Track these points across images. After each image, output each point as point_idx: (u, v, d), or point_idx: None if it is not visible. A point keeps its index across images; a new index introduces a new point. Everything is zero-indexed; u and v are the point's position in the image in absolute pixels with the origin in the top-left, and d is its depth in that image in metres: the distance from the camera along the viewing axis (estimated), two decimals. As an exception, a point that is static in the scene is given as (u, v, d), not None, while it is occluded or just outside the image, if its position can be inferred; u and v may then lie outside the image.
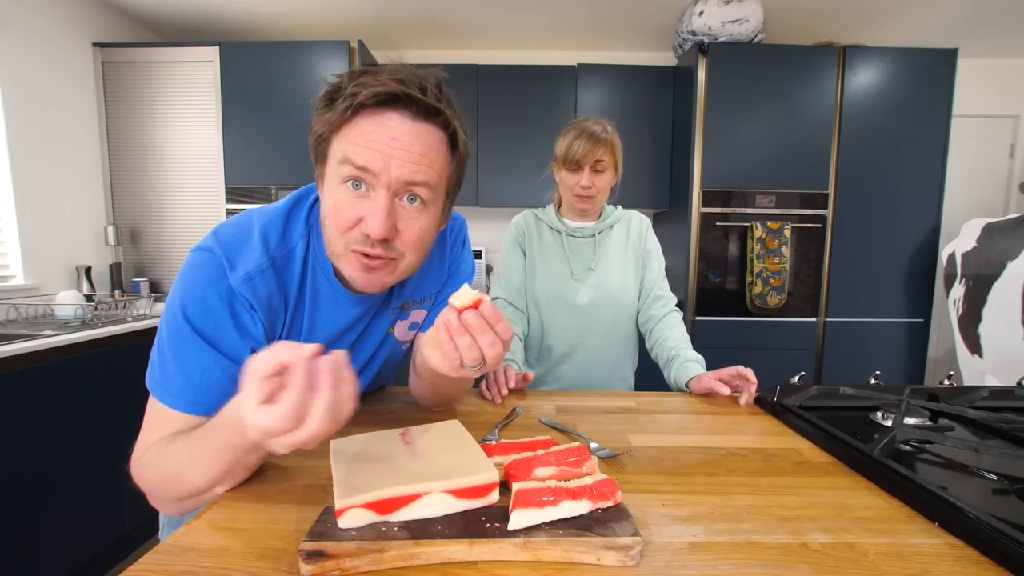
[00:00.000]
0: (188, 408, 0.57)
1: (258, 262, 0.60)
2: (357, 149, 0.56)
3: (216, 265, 0.59)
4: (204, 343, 0.57)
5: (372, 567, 0.41)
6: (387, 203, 0.57)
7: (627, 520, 0.44)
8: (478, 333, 0.51)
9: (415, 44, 2.88)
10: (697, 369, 1.02)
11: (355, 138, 0.56)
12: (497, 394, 0.93)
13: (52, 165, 2.19)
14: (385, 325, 0.77)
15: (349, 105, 0.55)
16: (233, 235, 0.61)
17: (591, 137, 1.10)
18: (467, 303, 0.51)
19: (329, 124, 0.57)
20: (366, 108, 0.56)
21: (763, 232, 2.28)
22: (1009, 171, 2.99)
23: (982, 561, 0.43)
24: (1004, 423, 0.72)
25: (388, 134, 0.56)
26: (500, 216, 2.94)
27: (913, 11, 2.46)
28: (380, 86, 0.54)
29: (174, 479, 0.54)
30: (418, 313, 0.79)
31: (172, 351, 0.57)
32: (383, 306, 0.75)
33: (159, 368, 0.58)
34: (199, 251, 0.60)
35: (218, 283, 0.58)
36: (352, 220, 0.58)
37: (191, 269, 0.59)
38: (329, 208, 0.59)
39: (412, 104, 0.56)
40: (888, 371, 2.37)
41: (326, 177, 0.60)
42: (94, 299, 2.07)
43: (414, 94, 0.56)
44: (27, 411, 1.46)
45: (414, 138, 0.57)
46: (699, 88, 2.32)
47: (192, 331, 0.57)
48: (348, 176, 0.57)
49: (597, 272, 1.20)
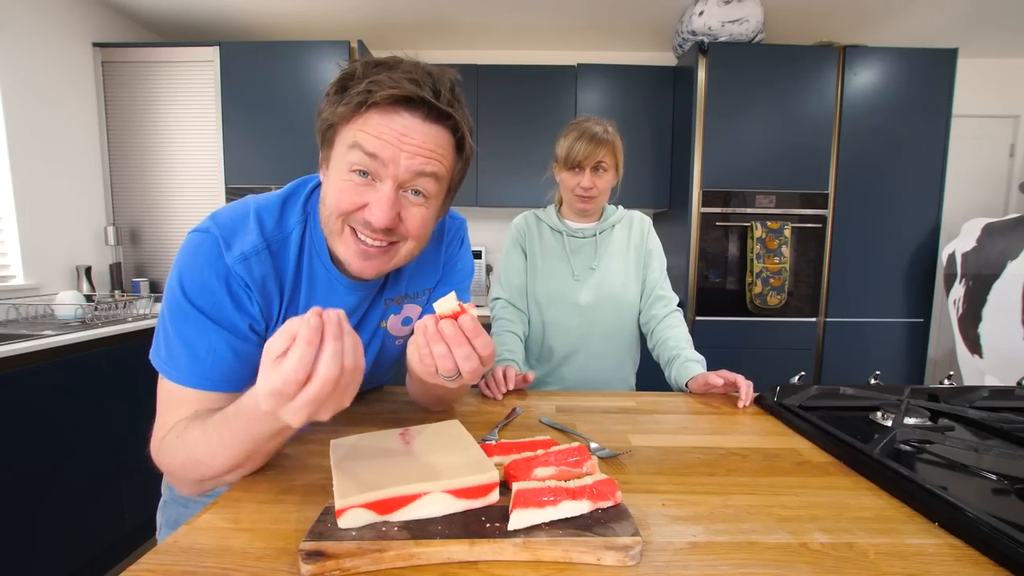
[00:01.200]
0: (197, 384, 0.58)
1: (254, 243, 0.61)
2: (368, 138, 0.56)
3: (213, 245, 0.60)
4: (205, 319, 0.59)
5: (372, 567, 0.41)
6: (392, 193, 0.58)
7: (627, 520, 0.44)
8: (453, 344, 0.50)
9: (415, 44, 2.88)
10: (698, 369, 1.02)
11: (366, 128, 0.56)
12: (496, 391, 0.93)
13: (52, 165, 2.19)
14: (378, 317, 0.77)
15: (362, 101, 0.55)
16: (230, 217, 0.63)
17: (592, 138, 1.10)
18: (446, 312, 0.50)
19: (340, 116, 0.57)
20: (381, 104, 0.56)
21: (763, 232, 2.28)
22: (1009, 171, 2.99)
23: (982, 561, 0.43)
24: (1004, 423, 0.72)
25: (399, 130, 0.56)
26: (500, 216, 2.94)
27: (913, 11, 2.46)
28: (395, 87, 0.54)
29: (193, 463, 0.55)
30: (411, 308, 0.79)
31: (175, 329, 0.59)
32: (377, 297, 0.75)
33: (164, 347, 0.59)
34: (197, 232, 0.61)
35: (215, 262, 0.59)
36: (356, 204, 0.58)
37: (189, 249, 0.60)
38: (334, 189, 0.59)
39: (424, 106, 0.57)
40: (888, 371, 2.37)
41: (332, 161, 0.60)
42: (94, 299, 2.07)
43: (428, 97, 0.56)
44: (27, 411, 1.46)
45: (424, 136, 0.57)
46: (699, 88, 2.32)
47: (192, 308, 0.58)
48: (356, 163, 0.57)
49: (598, 272, 1.20)
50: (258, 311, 0.62)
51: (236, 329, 0.60)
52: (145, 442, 0.61)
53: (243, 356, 0.61)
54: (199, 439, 0.54)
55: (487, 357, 0.51)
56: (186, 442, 0.55)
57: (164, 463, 0.58)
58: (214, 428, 0.53)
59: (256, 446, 0.52)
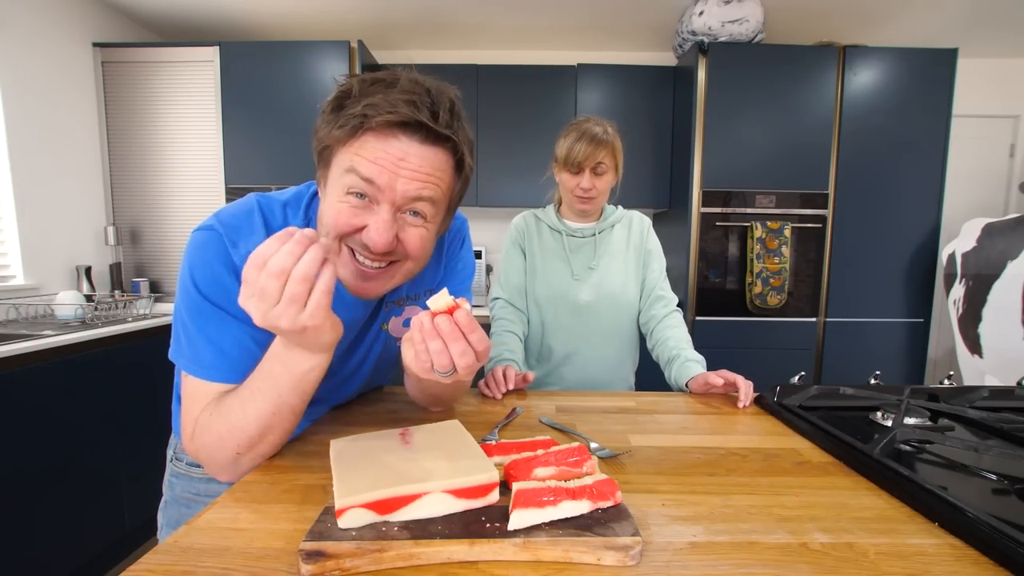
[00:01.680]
0: (225, 378, 0.59)
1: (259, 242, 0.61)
2: (364, 163, 0.55)
3: (219, 242, 0.60)
4: (224, 313, 0.59)
5: (372, 567, 0.41)
6: (389, 217, 0.57)
7: (627, 520, 0.44)
8: (450, 340, 0.49)
9: (415, 44, 2.88)
10: (698, 369, 1.02)
11: (362, 152, 0.56)
12: (496, 390, 0.93)
13: (52, 165, 2.19)
14: (380, 320, 0.77)
15: (358, 125, 0.54)
16: (234, 215, 0.63)
17: (592, 139, 1.10)
18: (441, 308, 0.50)
19: (335, 139, 0.57)
20: (374, 129, 0.55)
21: (763, 232, 2.28)
22: (1009, 171, 2.99)
23: (982, 561, 0.43)
24: (1004, 423, 0.72)
25: (396, 155, 0.55)
26: (500, 216, 2.94)
27: (913, 11, 2.46)
28: (392, 111, 0.53)
29: (228, 432, 0.56)
30: (412, 309, 0.79)
31: (196, 327, 0.59)
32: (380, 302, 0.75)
33: (187, 344, 0.60)
34: (202, 230, 0.62)
35: (224, 258, 0.60)
36: (353, 226, 0.58)
37: (196, 246, 0.61)
38: (331, 212, 0.59)
39: (423, 129, 0.56)
40: (888, 371, 2.37)
41: (329, 183, 0.60)
42: (94, 299, 2.07)
43: (425, 121, 0.55)
44: (27, 411, 1.46)
45: (422, 160, 0.57)
46: (699, 88, 2.32)
47: (209, 304, 0.59)
48: (353, 186, 0.56)
49: (597, 272, 1.20)
50: None
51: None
52: (146, 442, 0.61)
53: (263, 345, 0.61)
54: (231, 405, 0.56)
55: (482, 352, 0.51)
56: (219, 412, 0.57)
57: (202, 445, 0.58)
58: (244, 388, 0.56)
59: (279, 396, 0.55)
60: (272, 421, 0.56)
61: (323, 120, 0.58)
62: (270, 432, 0.57)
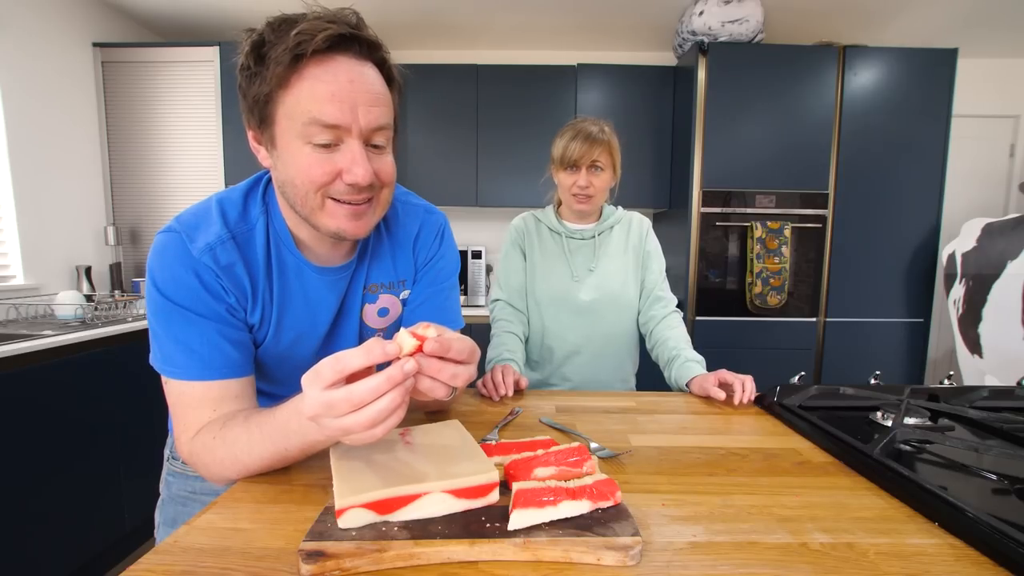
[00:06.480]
0: (200, 375, 0.60)
1: (218, 234, 0.62)
2: (323, 107, 0.54)
3: (178, 242, 0.61)
4: (188, 312, 0.60)
5: (372, 567, 0.41)
6: (362, 150, 0.57)
7: (627, 520, 0.44)
8: (435, 372, 0.47)
9: (415, 44, 2.88)
10: (698, 369, 1.02)
11: (313, 92, 0.54)
12: (494, 391, 0.93)
13: (52, 165, 2.19)
14: (357, 308, 0.76)
15: (299, 55, 0.52)
16: (193, 214, 0.64)
17: (587, 138, 1.10)
18: (410, 350, 0.47)
19: (275, 78, 0.54)
20: (315, 55, 0.53)
21: (763, 232, 2.28)
22: (1009, 171, 2.99)
23: (982, 561, 0.43)
24: (1004, 423, 0.72)
25: (346, 78, 0.55)
26: (500, 216, 2.94)
27: (913, 11, 2.46)
28: (326, 29, 0.53)
29: (230, 461, 0.57)
30: (386, 298, 0.78)
31: (163, 329, 0.60)
32: (352, 286, 0.74)
33: (159, 349, 0.61)
34: (162, 233, 0.62)
35: (183, 257, 0.60)
36: (330, 175, 0.57)
37: (157, 250, 0.62)
38: (299, 168, 0.57)
39: (355, 44, 0.55)
40: (888, 371, 2.37)
41: (280, 138, 0.57)
42: (94, 299, 2.07)
43: (358, 33, 0.55)
44: (27, 411, 1.46)
45: (367, 81, 0.57)
46: (699, 88, 2.32)
47: (173, 305, 0.60)
48: (316, 136, 0.55)
49: (597, 273, 1.20)
50: (233, 297, 0.63)
51: (219, 316, 0.61)
52: (146, 442, 0.61)
53: (234, 341, 0.62)
54: (237, 439, 0.56)
55: (469, 358, 0.49)
56: (224, 441, 0.57)
57: (200, 460, 0.59)
58: (255, 427, 0.56)
59: (286, 451, 0.55)
60: (273, 463, 0.58)
61: (248, 75, 0.56)
62: (268, 468, 0.59)
